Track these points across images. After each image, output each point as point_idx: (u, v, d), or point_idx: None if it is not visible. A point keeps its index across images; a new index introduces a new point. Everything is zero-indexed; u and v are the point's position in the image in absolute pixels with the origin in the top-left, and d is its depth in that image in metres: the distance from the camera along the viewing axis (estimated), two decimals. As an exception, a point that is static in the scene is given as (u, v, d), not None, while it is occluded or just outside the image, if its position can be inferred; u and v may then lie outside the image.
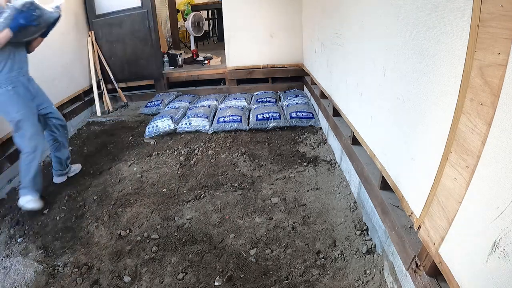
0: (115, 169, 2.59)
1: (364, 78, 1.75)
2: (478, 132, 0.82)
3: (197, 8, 6.24)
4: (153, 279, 1.55)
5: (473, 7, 0.83)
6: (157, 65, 4.25)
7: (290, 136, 2.98)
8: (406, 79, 1.25)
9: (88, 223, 1.98)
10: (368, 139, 1.73)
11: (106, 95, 4.08)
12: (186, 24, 4.60)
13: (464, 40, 0.87)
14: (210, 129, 3.14)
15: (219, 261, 1.64)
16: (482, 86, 0.80)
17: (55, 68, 3.28)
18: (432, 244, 1.04)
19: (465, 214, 0.89)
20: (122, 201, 2.16)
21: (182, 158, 2.67)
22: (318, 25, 2.96)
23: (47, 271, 1.62)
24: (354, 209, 1.94)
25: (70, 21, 3.65)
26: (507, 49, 0.72)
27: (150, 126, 3.18)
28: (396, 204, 1.42)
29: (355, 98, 1.92)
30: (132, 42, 4.10)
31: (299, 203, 2.04)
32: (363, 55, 1.74)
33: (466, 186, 0.87)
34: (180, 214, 2.01)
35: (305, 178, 2.31)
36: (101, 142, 3.16)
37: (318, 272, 1.53)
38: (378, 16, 1.51)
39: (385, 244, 1.52)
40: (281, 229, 1.82)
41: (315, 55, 3.15)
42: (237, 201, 2.09)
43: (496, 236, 0.76)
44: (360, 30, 1.78)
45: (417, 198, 1.18)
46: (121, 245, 1.78)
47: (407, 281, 1.26)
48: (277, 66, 4.10)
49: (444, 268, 0.97)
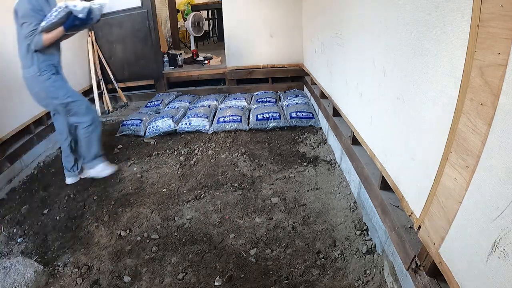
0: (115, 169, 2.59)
1: (364, 78, 1.75)
2: (478, 132, 0.82)
3: (197, 8, 6.24)
4: (153, 279, 1.55)
5: (473, 7, 0.83)
6: (157, 65, 4.25)
7: (290, 136, 2.98)
8: (406, 79, 1.25)
9: (88, 223, 1.98)
10: (368, 139, 1.73)
11: (106, 95, 4.08)
12: (186, 24, 4.60)
13: (464, 40, 0.87)
14: (210, 129, 3.14)
15: (219, 261, 1.64)
16: (482, 86, 0.80)
17: (55, 68, 3.28)
18: (432, 244, 1.04)
19: (465, 214, 0.89)
20: (122, 201, 2.16)
21: (182, 158, 2.67)
22: (318, 25, 2.96)
23: (47, 271, 1.62)
24: (354, 209, 1.94)
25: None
26: (507, 49, 0.72)
27: (150, 126, 3.18)
28: (396, 204, 1.42)
29: (355, 98, 1.92)
30: (132, 42, 4.10)
31: (299, 203, 2.04)
32: (363, 55, 1.74)
33: (466, 186, 0.87)
34: (180, 214, 2.01)
35: (305, 178, 2.31)
36: (101, 141, 3.15)
37: (318, 272, 1.53)
38: (378, 16, 1.51)
39: (385, 244, 1.52)
40: (281, 229, 1.82)
41: (315, 55, 3.15)
42: (237, 201, 2.09)
43: (496, 236, 0.76)
44: (360, 30, 1.78)
45: (417, 198, 1.18)
46: (121, 245, 1.78)
47: (407, 281, 1.26)
48: (277, 66, 4.10)
49: (444, 268, 0.97)
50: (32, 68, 2.03)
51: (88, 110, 2.27)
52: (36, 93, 2.13)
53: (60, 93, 2.14)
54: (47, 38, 1.93)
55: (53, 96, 2.13)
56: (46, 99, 2.15)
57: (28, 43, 1.95)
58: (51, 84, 2.09)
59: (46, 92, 2.11)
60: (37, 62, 2.02)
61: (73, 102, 2.19)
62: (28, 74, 2.06)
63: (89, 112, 2.27)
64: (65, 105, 2.17)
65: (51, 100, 2.14)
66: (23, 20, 1.89)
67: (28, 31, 1.89)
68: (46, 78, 2.06)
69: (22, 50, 2.02)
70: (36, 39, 1.91)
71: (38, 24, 1.88)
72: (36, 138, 2.86)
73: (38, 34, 1.90)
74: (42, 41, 1.93)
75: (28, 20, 1.88)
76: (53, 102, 2.16)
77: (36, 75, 2.04)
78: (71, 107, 2.19)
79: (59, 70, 2.17)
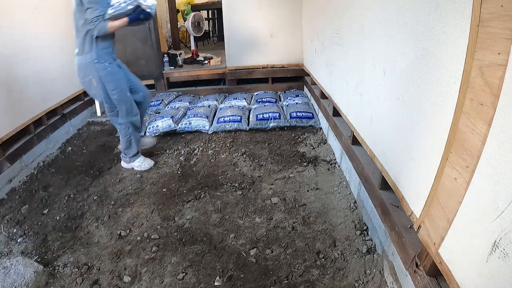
0: (115, 169, 2.59)
1: (364, 78, 1.75)
2: (478, 132, 0.82)
3: (197, 8, 6.24)
4: (153, 279, 1.55)
5: (473, 7, 0.83)
6: (157, 65, 4.24)
7: (290, 136, 2.98)
8: (406, 79, 1.25)
9: (88, 223, 1.98)
10: (368, 139, 1.73)
11: (106, 95, 4.08)
12: (186, 24, 4.60)
13: (464, 40, 0.87)
14: (210, 129, 3.14)
15: (219, 261, 1.64)
16: (482, 86, 0.80)
17: (55, 68, 3.28)
18: (432, 244, 1.04)
19: (465, 214, 0.89)
20: (122, 201, 2.16)
21: (182, 158, 2.67)
22: (318, 25, 2.96)
23: (47, 271, 1.62)
24: (354, 209, 1.94)
25: (71, 21, 3.64)
26: (507, 49, 0.72)
27: (150, 126, 3.18)
28: (396, 204, 1.42)
29: (355, 98, 1.92)
30: (132, 42, 4.10)
31: (299, 203, 2.04)
32: (363, 55, 1.74)
33: (466, 186, 0.87)
34: (180, 214, 2.01)
35: (305, 178, 2.31)
36: (101, 142, 3.16)
37: (318, 272, 1.53)
38: (378, 16, 1.51)
39: (385, 244, 1.52)
40: (281, 229, 1.82)
41: (315, 55, 3.15)
42: (237, 201, 2.09)
43: (496, 236, 0.76)
44: (360, 30, 1.78)
45: (417, 198, 1.18)
46: (121, 245, 1.78)
47: (407, 281, 1.26)
48: (277, 66, 4.10)
49: (444, 268, 0.97)
50: (89, 55, 2.08)
51: (127, 114, 2.30)
52: (89, 80, 2.16)
53: (110, 86, 2.18)
54: (112, 26, 2.00)
55: (103, 86, 2.17)
56: (97, 89, 2.19)
57: (88, 29, 2.00)
58: (106, 74, 2.14)
59: (98, 81, 2.15)
60: (95, 49, 2.07)
61: (116, 100, 2.22)
62: (84, 60, 2.10)
63: (128, 116, 2.30)
64: (110, 101, 2.23)
65: (101, 90, 2.18)
66: (88, 5, 1.93)
67: (93, 16, 1.94)
68: (103, 67, 2.11)
69: (79, 37, 2.06)
70: (101, 25, 1.97)
71: (103, 11, 1.95)
72: (36, 138, 2.86)
73: (103, 20, 1.96)
74: (107, 27, 1.99)
75: (94, 6, 1.93)
76: (102, 93, 2.20)
77: (93, 62, 2.09)
78: (113, 104, 2.25)
79: (114, 60, 2.22)
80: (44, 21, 3.12)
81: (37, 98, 2.93)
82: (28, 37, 2.85)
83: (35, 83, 2.92)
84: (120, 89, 2.21)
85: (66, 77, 3.49)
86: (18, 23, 2.73)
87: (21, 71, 2.73)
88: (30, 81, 2.84)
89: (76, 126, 3.61)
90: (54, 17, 3.33)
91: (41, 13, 3.07)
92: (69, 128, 3.49)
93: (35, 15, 2.98)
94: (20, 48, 2.73)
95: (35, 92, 2.91)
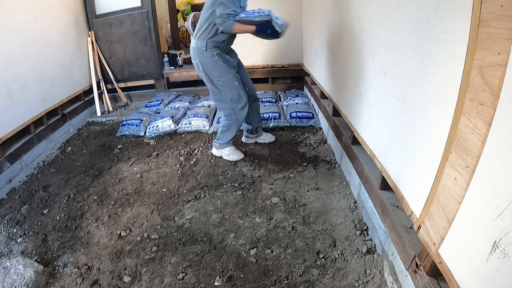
0: (115, 169, 2.59)
1: (364, 78, 1.75)
2: (478, 132, 0.82)
3: (197, 8, 6.23)
4: (153, 279, 1.55)
5: (473, 7, 0.82)
6: (157, 65, 4.25)
7: (290, 136, 2.98)
8: (406, 79, 1.25)
9: (88, 223, 1.98)
10: (368, 139, 1.73)
11: (106, 95, 4.08)
12: (186, 24, 4.58)
13: (464, 40, 0.87)
14: (210, 129, 3.14)
15: (219, 261, 1.64)
16: (482, 86, 0.80)
17: (55, 68, 3.28)
18: (432, 244, 1.04)
19: (465, 214, 0.89)
20: (122, 201, 2.16)
21: (182, 158, 2.67)
22: (318, 25, 2.96)
23: (47, 271, 1.62)
24: (354, 209, 1.94)
25: (70, 21, 3.65)
26: (507, 49, 0.72)
27: (150, 126, 3.18)
28: (396, 204, 1.42)
29: (355, 98, 1.92)
30: (132, 42, 4.10)
31: (299, 203, 2.04)
32: (363, 55, 1.74)
33: (466, 186, 0.87)
34: (180, 214, 2.01)
35: (305, 178, 2.31)
36: (101, 142, 3.16)
37: (318, 272, 1.53)
38: (378, 16, 1.51)
39: (385, 244, 1.52)
40: (281, 229, 1.82)
41: (315, 55, 3.15)
42: (237, 201, 2.09)
43: (496, 236, 0.76)
44: (360, 30, 1.78)
45: (417, 198, 1.18)
46: (121, 245, 1.78)
47: (407, 281, 1.26)
48: (277, 66, 4.10)
49: (444, 268, 0.97)
50: (200, 41, 2.22)
51: (231, 104, 2.36)
52: (196, 63, 2.32)
53: (214, 73, 2.28)
54: (237, 28, 2.10)
55: (207, 72, 2.29)
56: (202, 72, 2.32)
57: (211, 20, 2.12)
58: (211, 61, 2.25)
59: (203, 66, 2.28)
60: (206, 38, 2.19)
61: (222, 86, 2.31)
62: (195, 45, 2.27)
63: (231, 105, 2.36)
64: (213, 86, 2.32)
65: (204, 74, 2.31)
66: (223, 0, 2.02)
67: (224, 13, 2.03)
68: (210, 55, 2.23)
69: (201, 23, 2.21)
70: (229, 23, 2.06)
71: (235, 11, 2.06)
72: (36, 138, 2.86)
73: (233, 20, 2.06)
74: (233, 27, 2.09)
75: (228, 4, 2.03)
76: (204, 76, 2.34)
77: (201, 49, 2.23)
78: (218, 90, 2.33)
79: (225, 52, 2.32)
80: (44, 21, 3.12)
81: (37, 98, 2.93)
82: (28, 37, 2.85)
83: (35, 83, 2.92)
84: (226, 77, 2.30)
85: (66, 77, 3.50)
86: (18, 23, 2.73)
87: (21, 71, 2.73)
88: (30, 81, 2.84)
89: (76, 126, 3.61)
90: (54, 17, 3.33)
91: (41, 13, 3.07)
92: (69, 128, 3.49)
93: (35, 15, 2.98)
94: (20, 48, 2.74)
95: (35, 92, 2.91)
